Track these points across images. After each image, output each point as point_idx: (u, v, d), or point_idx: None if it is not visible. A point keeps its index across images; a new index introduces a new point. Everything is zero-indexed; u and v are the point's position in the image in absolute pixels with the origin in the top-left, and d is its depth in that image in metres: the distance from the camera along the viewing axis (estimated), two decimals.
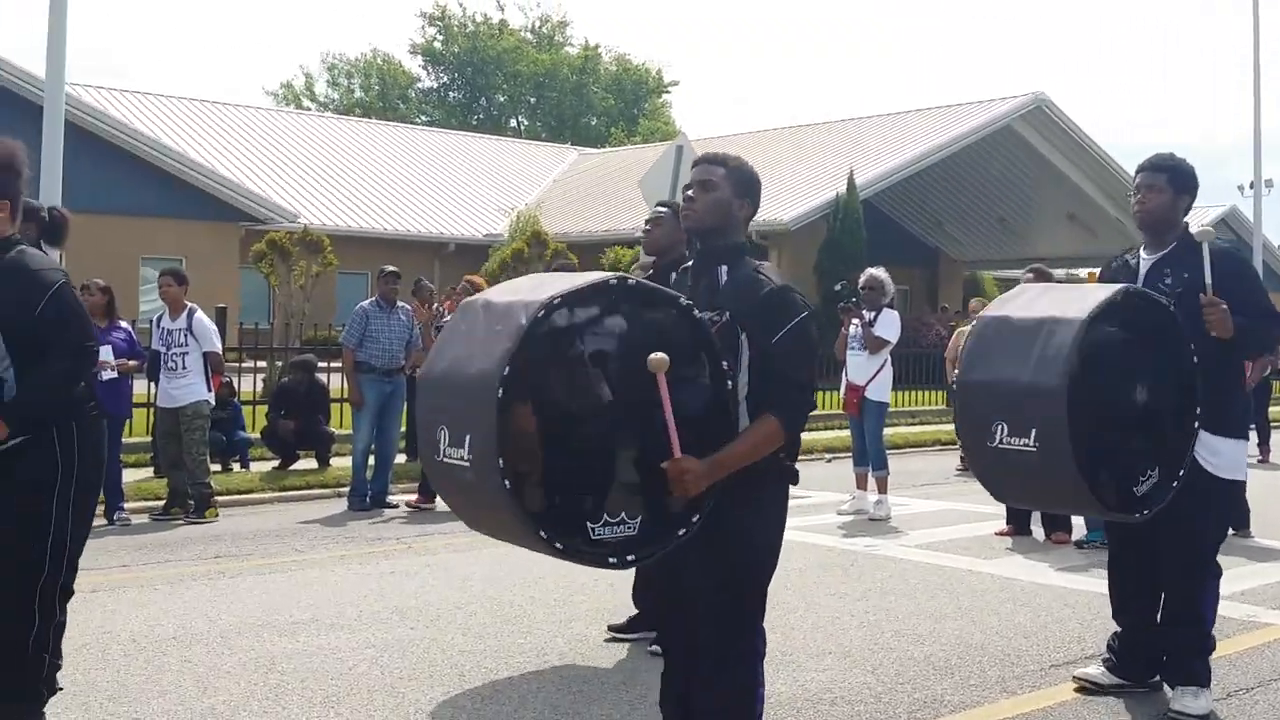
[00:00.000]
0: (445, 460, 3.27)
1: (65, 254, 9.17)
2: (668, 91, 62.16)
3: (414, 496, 9.97)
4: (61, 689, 4.33)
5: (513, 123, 58.96)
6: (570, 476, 3.14)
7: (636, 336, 3.19)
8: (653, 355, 3.11)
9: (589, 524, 3.14)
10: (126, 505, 9.10)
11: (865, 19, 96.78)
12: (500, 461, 3.02)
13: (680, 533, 3.26)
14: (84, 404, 4.18)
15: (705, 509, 3.28)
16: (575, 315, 3.16)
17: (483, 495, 3.19)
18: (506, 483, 3.03)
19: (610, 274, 3.29)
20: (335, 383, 12.63)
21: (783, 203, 25.60)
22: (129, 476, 9.70)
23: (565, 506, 3.13)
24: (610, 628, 5.84)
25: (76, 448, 4.08)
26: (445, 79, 60.01)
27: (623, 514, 3.18)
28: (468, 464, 3.17)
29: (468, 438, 3.16)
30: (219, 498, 9.55)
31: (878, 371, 9.79)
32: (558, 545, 3.11)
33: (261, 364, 15.74)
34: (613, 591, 6.38)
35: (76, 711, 4.56)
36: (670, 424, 3.16)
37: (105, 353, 8.39)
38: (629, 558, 3.26)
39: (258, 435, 12.07)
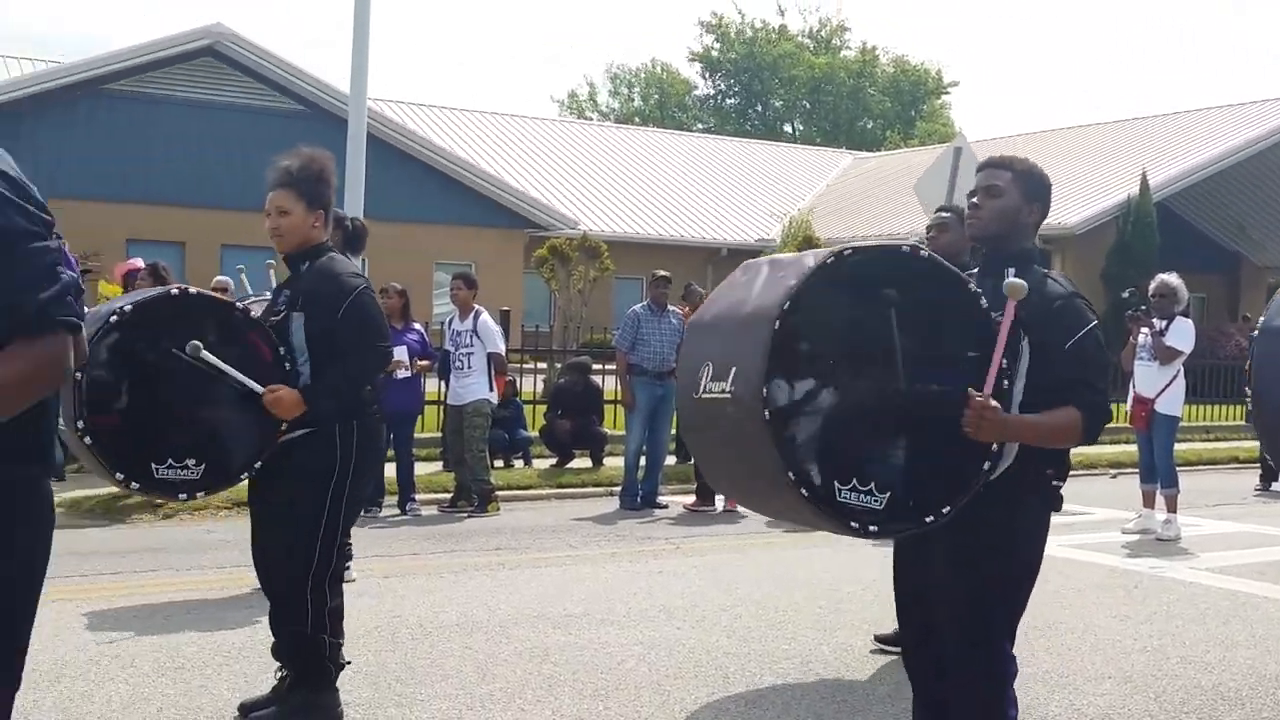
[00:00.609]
0: (704, 396, 3.23)
1: (367, 259, 9.86)
2: (946, 92, 60.62)
3: (691, 499, 10.14)
4: (349, 663, 4.62)
5: (787, 128, 58.93)
6: (833, 433, 3.09)
7: (921, 309, 3.15)
8: (1009, 280, 3.07)
9: (837, 484, 3.06)
10: (418, 497, 9.65)
11: (1150, 13, 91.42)
12: (764, 391, 2.98)
13: (928, 519, 3.15)
14: (368, 405, 4.45)
15: (959, 502, 3.17)
16: (864, 270, 3.13)
17: (740, 431, 3.11)
18: (767, 413, 2.98)
19: (908, 242, 3.26)
20: (609, 384, 13.00)
21: (1067, 206, 24.50)
22: (420, 470, 10.31)
23: (823, 460, 3.07)
24: (877, 638, 5.77)
25: (355, 446, 4.34)
26: (722, 86, 60.62)
27: (873, 485, 3.09)
28: (728, 395, 3.12)
29: (733, 370, 3.12)
30: (501, 492, 10.00)
31: (1169, 384, 9.25)
32: (803, 492, 3.02)
33: (541, 365, 16.35)
34: (879, 602, 6.30)
35: (367, 689, 4.88)
36: (997, 357, 3.10)
37: (400, 353, 8.92)
38: (871, 528, 3.14)
39: (537, 434, 12.56)
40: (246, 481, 4.42)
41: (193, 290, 4.38)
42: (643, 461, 10.33)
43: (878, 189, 32.78)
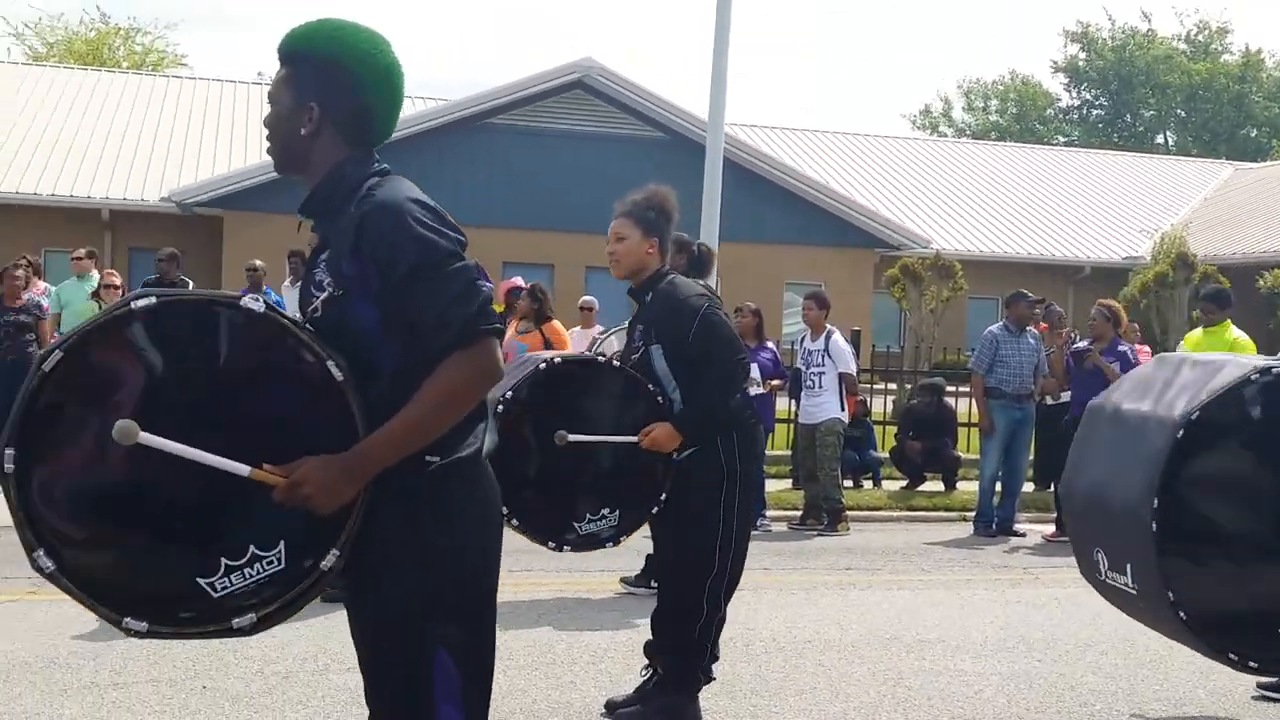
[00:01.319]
0: (1109, 582, 3.28)
1: (720, 279, 10.14)
2: None
3: (1050, 529, 9.76)
4: (714, 679, 4.78)
5: (1159, 138, 55.35)
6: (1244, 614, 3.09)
7: None
8: None
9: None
10: (768, 513, 9.80)
11: None
12: (1170, 596, 2.97)
13: None
14: (743, 413, 4.64)
15: None
16: (1219, 438, 3.04)
17: (1158, 619, 3.18)
18: (1182, 615, 2.97)
19: (1253, 367, 3.05)
20: (963, 407, 12.69)
21: None
22: (770, 487, 10.44)
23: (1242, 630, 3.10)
24: (1258, 685, 5.36)
25: (738, 454, 4.52)
26: (1087, 96, 57.76)
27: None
28: (1134, 591, 3.14)
29: (1128, 566, 3.13)
30: (850, 512, 9.99)
31: None
32: (1231, 656, 3.02)
33: (891, 386, 16.17)
34: None
35: (724, 699, 5.03)
36: None
37: (753, 371, 9.11)
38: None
39: (886, 455, 12.44)
40: None
41: (595, 358, 4.72)
42: (998, 487, 10.03)
43: (1262, 201, 30.22)
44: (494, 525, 2.59)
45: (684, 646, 4.53)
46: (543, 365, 4.39)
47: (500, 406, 4.16)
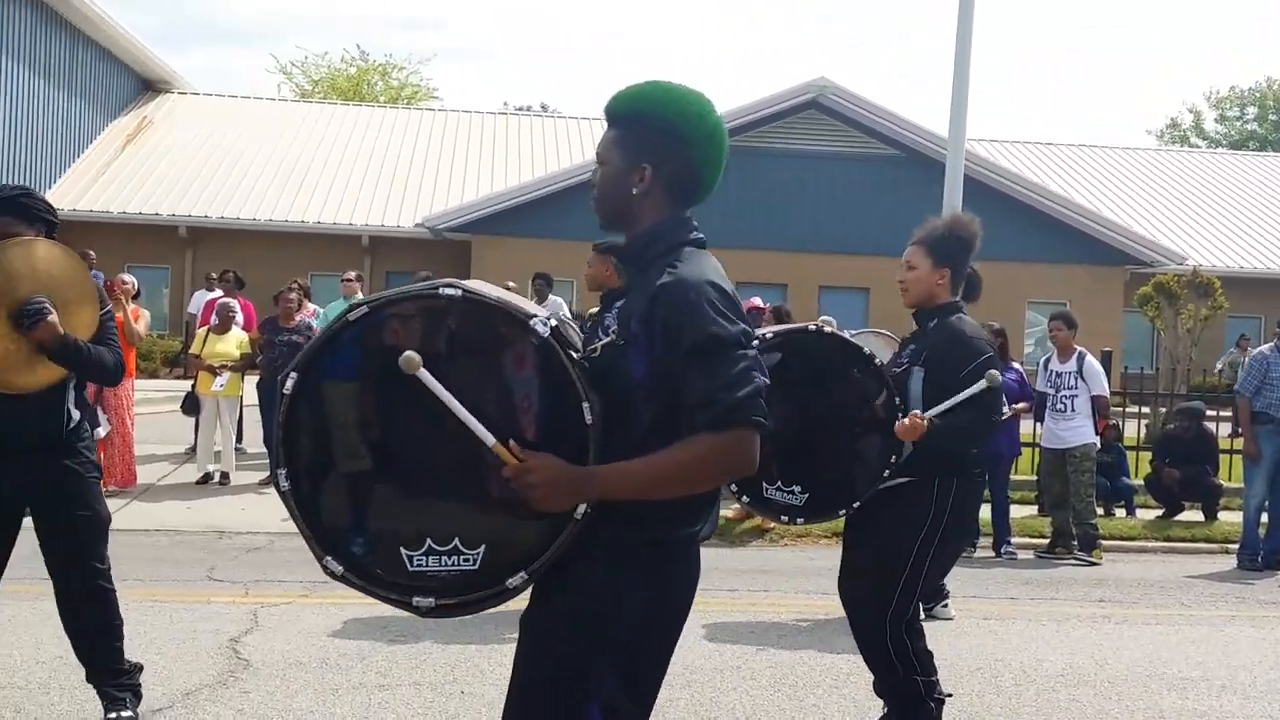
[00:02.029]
0: None
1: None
2: None
3: None
4: (949, 695, 4.61)
5: None
6: None
7: None
8: None
9: None
10: (1013, 540, 9.51)
11: None
12: None
13: None
14: (972, 466, 4.46)
15: None
16: None
17: None
18: None
19: None
20: (1224, 431, 11.99)
21: None
22: (1015, 513, 10.14)
23: None
24: None
25: (950, 503, 4.34)
26: None
27: None
28: None
29: None
30: (1103, 541, 9.58)
31: None
32: None
33: (1145, 409, 15.42)
34: None
35: None
36: None
37: None
38: None
39: (1140, 481, 11.87)
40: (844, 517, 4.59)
41: (846, 334, 4.65)
42: (1264, 518, 9.43)
43: None
44: (682, 612, 2.62)
45: (895, 685, 4.42)
46: (811, 328, 4.40)
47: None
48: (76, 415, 4.38)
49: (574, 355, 2.55)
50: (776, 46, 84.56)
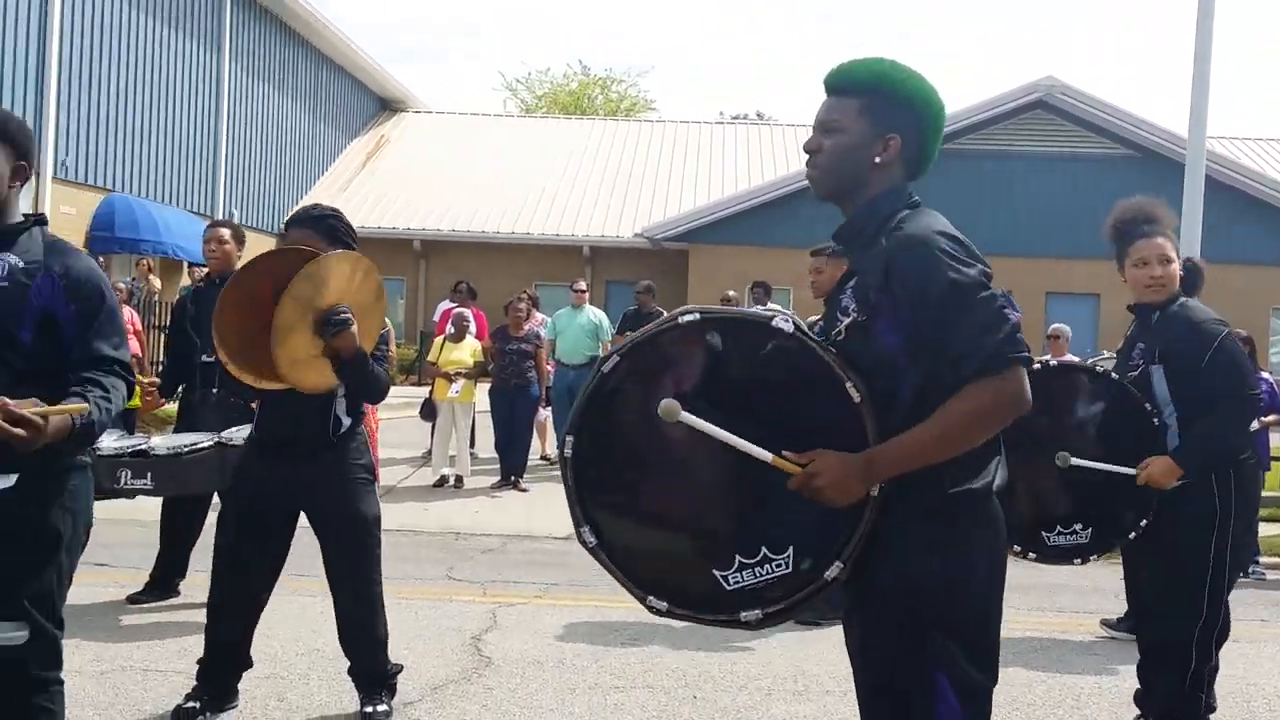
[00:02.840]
0: None
1: (1200, 300, 9.45)
2: None
3: None
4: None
5: None
6: None
7: None
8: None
9: None
10: (1261, 559, 9.00)
11: None
12: None
13: None
14: (1240, 452, 4.32)
15: None
16: None
17: None
18: None
19: None
20: None
21: None
22: (1264, 530, 9.56)
23: None
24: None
25: (1233, 492, 4.23)
26: None
27: None
28: None
29: None
30: None
31: None
32: None
33: None
34: None
35: None
36: None
37: None
38: None
39: None
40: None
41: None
42: None
43: None
44: (999, 563, 2.60)
45: (1175, 699, 4.29)
46: (1037, 366, 4.30)
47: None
48: (347, 420, 4.68)
49: (822, 340, 2.58)
50: (1002, 48, 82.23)
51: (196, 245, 19.71)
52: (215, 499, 6.39)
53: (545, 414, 12.79)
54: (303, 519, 4.73)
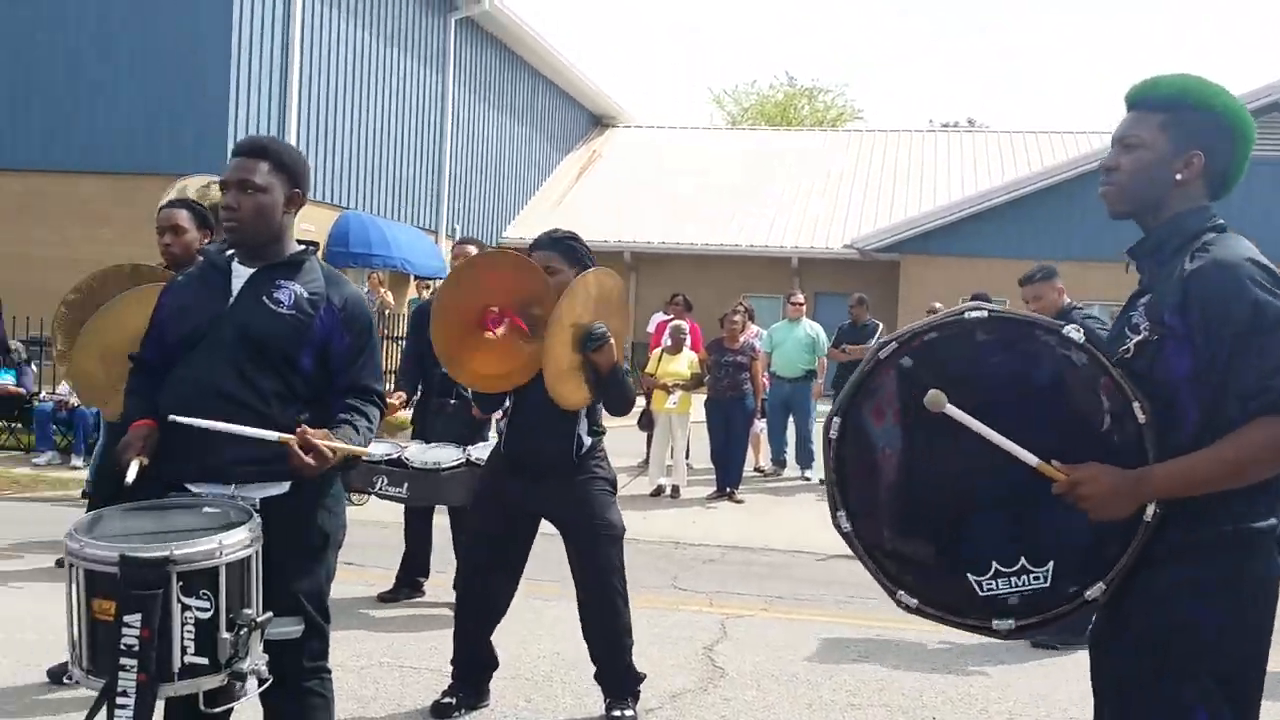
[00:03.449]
0: None
1: None
2: None
3: None
4: None
5: None
6: None
7: None
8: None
9: None
10: None
11: None
12: None
13: None
14: None
15: None
16: None
17: None
18: None
19: None
20: None
21: None
22: None
23: None
24: None
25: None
26: None
27: None
28: None
29: None
30: None
31: None
32: None
33: None
34: None
35: None
36: None
37: None
38: None
39: None
40: None
41: None
42: None
43: None
44: (1270, 613, 2.51)
45: None
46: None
47: None
48: (589, 440, 4.87)
49: (1108, 355, 2.55)
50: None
51: (423, 259, 20.87)
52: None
53: (760, 426, 12.84)
54: (545, 524, 4.92)
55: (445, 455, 6.36)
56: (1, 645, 5.45)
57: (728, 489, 11.59)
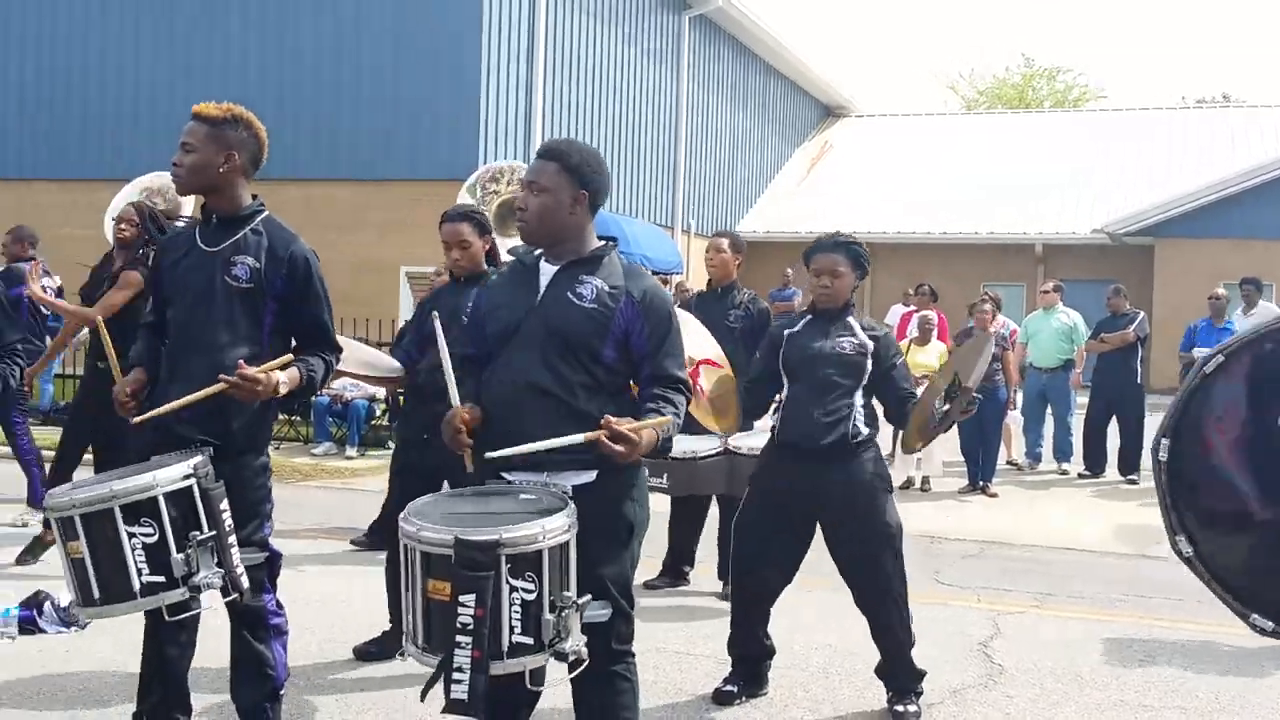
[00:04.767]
0: None
1: None
2: None
3: None
4: None
5: None
6: None
7: None
8: None
9: None
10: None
11: None
12: None
13: None
14: None
15: None
16: None
17: None
18: None
19: None
20: None
21: None
22: None
23: None
24: None
25: None
26: None
27: None
28: None
29: None
30: None
31: None
32: None
33: None
34: None
35: None
36: None
37: None
38: None
39: None
40: None
41: None
42: None
43: None
44: None
45: None
46: None
47: None
48: (865, 430, 4.85)
49: None
50: None
51: (661, 254, 21.14)
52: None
53: (1013, 417, 12.49)
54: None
55: (703, 445, 6.43)
56: (310, 624, 5.82)
57: (981, 482, 11.33)
